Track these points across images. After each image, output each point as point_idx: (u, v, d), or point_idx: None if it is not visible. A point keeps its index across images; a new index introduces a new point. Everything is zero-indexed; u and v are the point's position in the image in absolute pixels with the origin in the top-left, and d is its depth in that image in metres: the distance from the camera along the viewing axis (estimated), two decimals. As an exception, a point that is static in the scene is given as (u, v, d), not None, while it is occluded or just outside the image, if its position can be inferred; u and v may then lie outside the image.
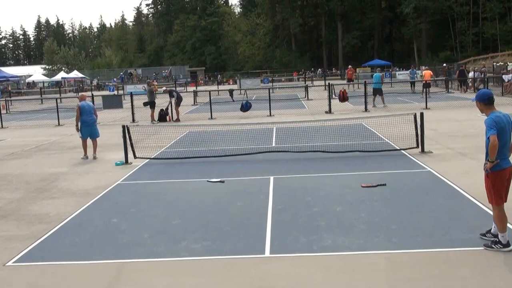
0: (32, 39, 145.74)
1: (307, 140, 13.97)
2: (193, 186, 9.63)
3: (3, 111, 26.61)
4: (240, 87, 42.56)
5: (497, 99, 6.13)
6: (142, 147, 13.62)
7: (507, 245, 5.73)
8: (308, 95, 31.69)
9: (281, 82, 60.08)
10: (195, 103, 30.98)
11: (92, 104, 13.89)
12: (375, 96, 24.06)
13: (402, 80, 43.38)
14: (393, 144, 12.90)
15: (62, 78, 66.78)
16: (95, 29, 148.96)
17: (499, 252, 5.70)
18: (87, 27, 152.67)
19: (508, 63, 37.70)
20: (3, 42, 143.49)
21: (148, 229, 7.11)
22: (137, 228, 7.22)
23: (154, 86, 23.20)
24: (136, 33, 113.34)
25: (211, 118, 22.00)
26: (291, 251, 6.03)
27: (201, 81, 65.16)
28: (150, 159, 12.46)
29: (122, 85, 52.39)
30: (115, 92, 43.35)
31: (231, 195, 8.79)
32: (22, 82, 68.51)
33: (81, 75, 68.67)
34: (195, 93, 32.15)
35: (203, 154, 12.46)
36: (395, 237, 6.34)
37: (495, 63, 39.89)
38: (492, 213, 6.00)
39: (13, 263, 6.13)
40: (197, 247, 6.34)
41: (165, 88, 24.56)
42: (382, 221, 6.96)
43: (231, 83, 61.45)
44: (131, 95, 23.77)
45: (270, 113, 21.92)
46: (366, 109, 22.08)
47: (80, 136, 13.36)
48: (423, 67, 33.34)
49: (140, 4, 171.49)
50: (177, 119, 21.87)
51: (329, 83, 24.90)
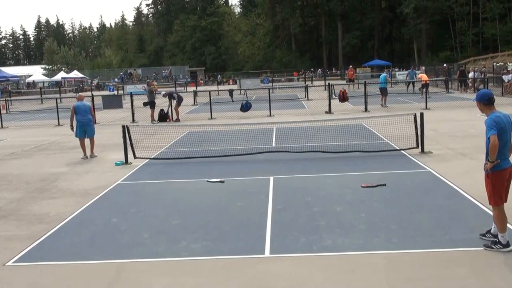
0: (32, 39, 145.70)
1: (307, 140, 13.97)
2: (193, 186, 9.63)
3: (3, 111, 26.61)
4: (240, 87, 42.57)
5: (497, 99, 6.12)
6: (142, 147, 13.63)
7: (507, 245, 5.73)
8: (308, 95, 31.70)
9: (281, 82, 60.07)
10: (195, 103, 31.01)
11: (88, 104, 13.89)
12: (383, 95, 24.31)
13: (402, 80, 43.36)
14: (393, 144, 12.90)
15: (62, 78, 66.74)
16: (95, 29, 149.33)
17: (499, 252, 5.70)
18: (87, 27, 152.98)
19: (508, 63, 37.71)
20: (3, 42, 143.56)
21: (148, 229, 7.11)
22: (137, 228, 7.22)
23: (154, 86, 23.20)
24: (136, 33, 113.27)
25: (211, 118, 22.00)
26: (291, 251, 6.03)
27: (201, 81, 65.15)
28: (150, 159, 12.47)
29: (122, 85, 52.40)
30: (115, 92, 43.40)
31: (231, 195, 8.79)
32: (22, 82, 68.55)
33: (81, 75, 68.62)
34: (195, 93, 32.18)
35: (203, 154, 12.46)
36: (395, 237, 6.34)
37: (495, 63, 39.87)
38: (492, 213, 6.01)
39: (13, 263, 6.14)
40: (197, 247, 6.34)
41: (164, 92, 24.42)
42: (382, 221, 6.97)
43: (231, 83, 61.44)
44: (131, 95, 23.79)
45: (270, 113, 21.93)
46: (366, 109, 22.09)
47: (76, 135, 13.59)
48: (423, 68, 33.23)
49: (140, 4, 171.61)
50: (177, 119, 21.87)
51: (329, 83, 24.90)
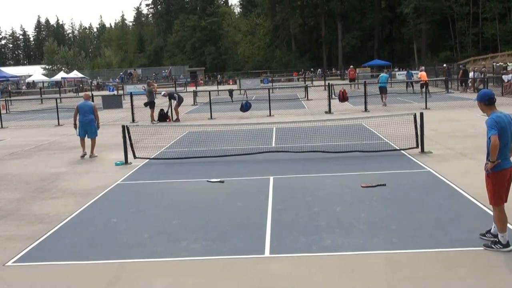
0: (32, 39, 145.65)
1: (307, 140, 13.97)
2: (193, 186, 9.63)
3: (3, 111, 26.62)
4: (240, 87, 42.56)
5: (497, 99, 6.12)
6: (142, 147, 13.62)
7: (507, 245, 5.73)
8: (308, 95, 31.70)
9: (281, 82, 60.06)
10: (195, 103, 31.00)
11: (91, 104, 13.81)
12: (382, 94, 24.46)
13: (402, 80, 43.38)
14: (393, 144, 12.89)
15: (62, 78, 66.71)
16: (95, 29, 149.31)
17: (499, 252, 5.70)
18: (87, 27, 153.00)
19: (508, 63, 37.71)
20: (3, 42, 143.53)
21: (148, 229, 7.11)
22: (137, 228, 7.22)
23: (153, 86, 23.21)
24: (136, 33, 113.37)
25: (211, 118, 22.00)
26: (291, 251, 6.03)
27: (201, 81, 65.14)
28: (150, 159, 12.46)
29: (122, 85, 52.39)
30: (115, 92, 43.39)
31: (231, 195, 8.79)
32: (22, 82, 68.56)
33: (81, 75, 68.58)
34: (195, 93, 32.17)
35: (203, 154, 12.46)
36: (395, 237, 6.34)
37: (495, 63, 39.88)
38: (492, 213, 6.01)
39: (13, 263, 6.14)
40: (197, 247, 6.34)
41: (164, 92, 24.39)
42: (382, 221, 6.97)
43: (231, 83, 61.43)
44: (131, 95, 23.80)
45: (270, 113, 21.92)
46: (366, 109, 22.09)
47: (78, 134, 13.66)
48: (423, 67, 33.20)
49: (140, 4, 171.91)
50: (177, 119, 21.87)
51: (329, 83, 24.91)
